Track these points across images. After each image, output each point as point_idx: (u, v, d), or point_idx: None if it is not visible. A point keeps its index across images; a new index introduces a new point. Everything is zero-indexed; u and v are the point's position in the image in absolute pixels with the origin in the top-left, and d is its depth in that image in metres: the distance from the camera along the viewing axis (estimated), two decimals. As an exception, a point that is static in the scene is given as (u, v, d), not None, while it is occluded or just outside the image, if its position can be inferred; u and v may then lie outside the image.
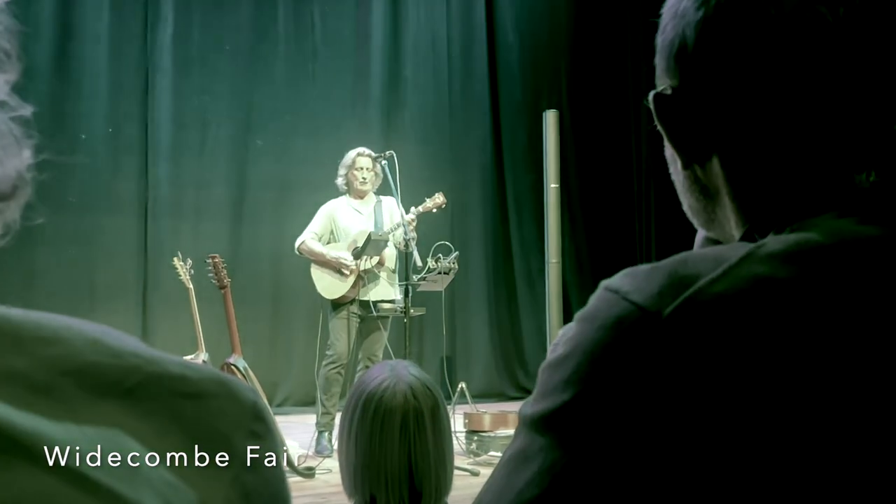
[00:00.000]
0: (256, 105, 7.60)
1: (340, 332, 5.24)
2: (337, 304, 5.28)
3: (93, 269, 7.01)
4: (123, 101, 7.21)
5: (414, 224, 5.08)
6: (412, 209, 5.15)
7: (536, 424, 0.58)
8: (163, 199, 7.29)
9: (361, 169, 5.34)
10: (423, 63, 8.23)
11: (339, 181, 5.44)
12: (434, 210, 5.30)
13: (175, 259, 5.08)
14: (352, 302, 5.25)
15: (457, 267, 5.16)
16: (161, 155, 7.31)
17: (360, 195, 5.40)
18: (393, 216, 5.31)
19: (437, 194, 5.32)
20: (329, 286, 5.28)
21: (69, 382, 0.41)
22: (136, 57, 7.28)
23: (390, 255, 5.31)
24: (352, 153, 5.40)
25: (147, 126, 7.29)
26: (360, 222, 5.34)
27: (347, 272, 5.23)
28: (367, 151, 5.37)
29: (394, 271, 5.36)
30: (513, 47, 8.54)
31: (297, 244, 5.39)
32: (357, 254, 5.23)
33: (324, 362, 5.28)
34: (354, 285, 5.23)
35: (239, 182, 7.55)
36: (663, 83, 0.69)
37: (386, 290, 5.30)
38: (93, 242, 7.04)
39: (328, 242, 5.39)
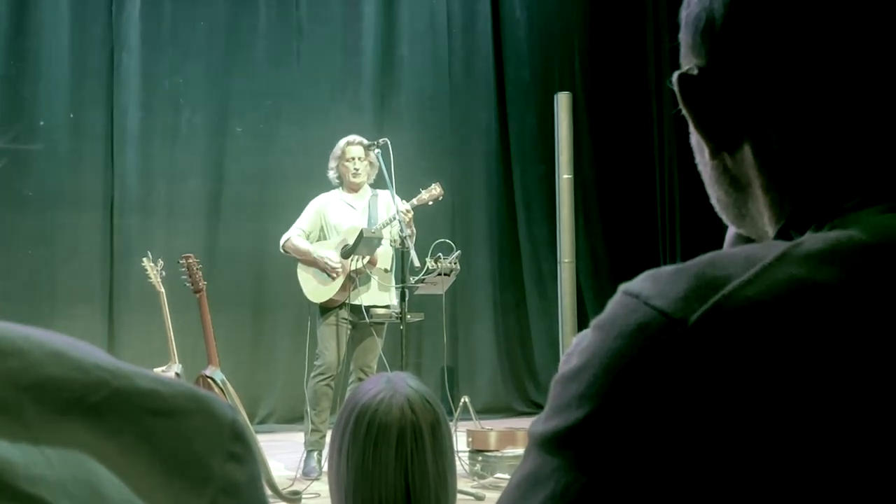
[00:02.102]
0: (235, 88, 7.60)
1: (329, 340, 5.24)
2: (325, 309, 5.28)
3: (52, 271, 7.02)
4: (86, 83, 7.21)
5: (410, 216, 5.07)
6: (403, 203, 5.13)
7: (548, 444, 0.58)
8: (130, 193, 7.29)
9: (353, 160, 5.34)
10: (421, 41, 8.22)
11: (331, 174, 5.44)
12: (430, 203, 5.28)
13: (144, 259, 5.08)
14: (341, 306, 5.25)
15: (458, 268, 5.16)
16: (128, 143, 7.31)
17: (354, 188, 5.40)
18: (389, 211, 5.31)
19: (433, 185, 5.31)
20: (316, 289, 5.28)
21: (27, 398, 0.41)
22: (101, 34, 7.28)
23: (384, 254, 5.31)
24: (341, 143, 5.40)
25: (112, 111, 7.29)
26: (352, 218, 5.34)
27: (334, 274, 5.22)
28: (359, 139, 5.38)
29: (387, 271, 5.35)
30: (520, 23, 8.54)
31: (282, 241, 5.40)
32: (346, 253, 5.23)
33: (312, 374, 5.28)
34: (344, 288, 5.22)
35: (216, 174, 7.55)
36: (689, 63, 0.69)
37: (379, 295, 5.30)
38: (52, 241, 7.04)
39: (318, 240, 5.39)
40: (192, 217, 7.41)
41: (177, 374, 4.73)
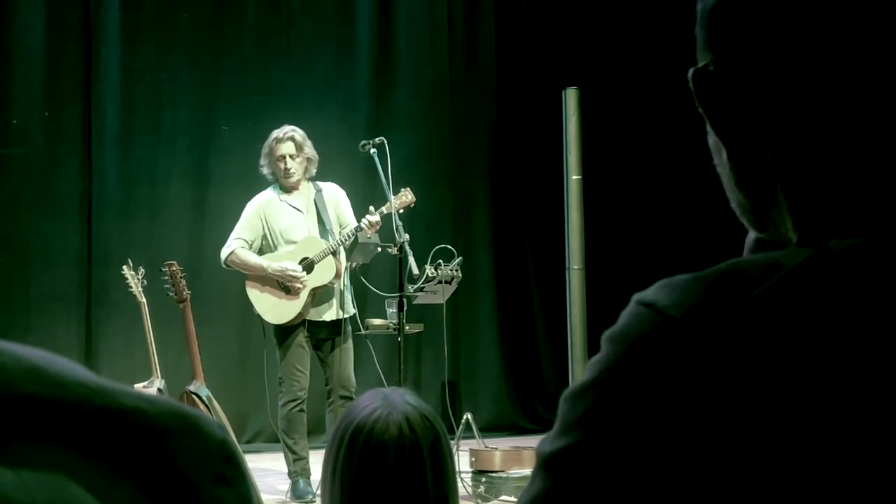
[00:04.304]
0: (221, 84, 7.60)
1: (296, 363, 5.10)
2: (285, 330, 5.13)
3: (26, 279, 7.01)
4: (62, 79, 7.21)
5: (377, 228, 4.94)
6: (371, 209, 4.98)
7: (557, 465, 0.57)
8: (109, 196, 7.29)
9: (283, 158, 5.13)
10: (419, 33, 8.23)
11: (265, 171, 5.24)
12: (401, 210, 5.05)
13: (125, 267, 5.08)
14: (302, 324, 5.11)
15: (460, 275, 5.16)
16: (107, 143, 7.31)
17: (290, 188, 5.20)
18: (339, 209, 5.21)
19: (403, 190, 5.12)
20: (274, 308, 5.09)
21: (3, 418, 0.41)
22: (78, 26, 7.28)
23: (328, 266, 5.11)
24: (271, 137, 5.20)
25: (90, 109, 7.29)
26: (301, 223, 5.17)
27: (300, 286, 5.02)
28: (290, 133, 5.17)
29: (347, 286, 5.23)
30: (526, 13, 8.54)
31: (223, 255, 5.20)
32: (306, 267, 5.07)
33: (280, 402, 5.17)
34: (307, 304, 5.06)
35: (200, 175, 7.55)
36: (705, 58, 0.69)
37: (340, 308, 5.17)
38: (25, 248, 7.03)
39: (260, 250, 5.19)
40: (176, 222, 7.40)
41: (159, 389, 4.73)
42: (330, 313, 5.14)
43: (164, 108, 7.48)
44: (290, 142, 5.16)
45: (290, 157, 5.14)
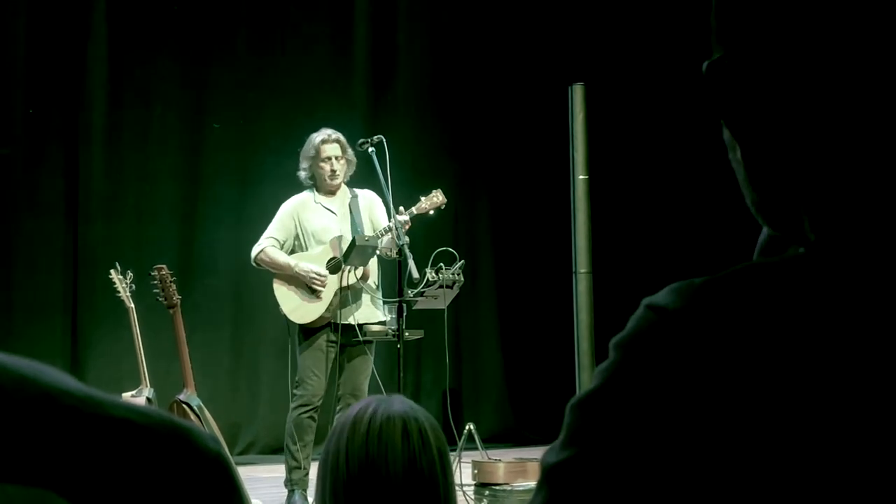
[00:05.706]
0: (212, 79, 7.60)
1: (313, 367, 5.14)
2: (309, 331, 5.19)
3: (8, 284, 7.01)
4: (47, 74, 7.22)
5: (407, 228, 5.03)
6: (401, 210, 5.07)
7: (559, 478, 0.57)
8: (97, 197, 7.29)
9: (329, 160, 5.22)
10: (419, 26, 8.23)
11: (303, 175, 5.34)
12: (431, 212, 5.18)
13: (112, 271, 5.08)
14: (327, 326, 5.17)
15: (462, 279, 5.16)
16: (94, 141, 7.31)
17: (331, 191, 5.31)
18: (373, 214, 5.28)
19: (434, 192, 5.22)
20: (299, 308, 5.18)
21: (-13, 429, 0.41)
22: (63, 19, 7.29)
23: (373, 266, 5.25)
24: (315, 139, 5.28)
25: (77, 106, 7.29)
26: (334, 225, 5.26)
27: (321, 287, 5.13)
28: (335, 134, 5.27)
29: (378, 287, 5.31)
30: (531, 6, 8.54)
31: (253, 253, 5.29)
32: (335, 266, 5.14)
33: (293, 405, 5.21)
34: (332, 305, 5.14)
35: (191, 175, 7.55)
36: (719, 50, 0.69)
37: (371, 311, 5.25)
38: (8, 251, 7.04)
39: (292, 250, 5.30)
40: (165, 223, 7.41)
41: (148, 399, 4.73)
42: (359, 315, 5.19)
43: (153, 105, 7.48)
44: (335, 143, 5.26)
45: (336, 158, 5.24)
